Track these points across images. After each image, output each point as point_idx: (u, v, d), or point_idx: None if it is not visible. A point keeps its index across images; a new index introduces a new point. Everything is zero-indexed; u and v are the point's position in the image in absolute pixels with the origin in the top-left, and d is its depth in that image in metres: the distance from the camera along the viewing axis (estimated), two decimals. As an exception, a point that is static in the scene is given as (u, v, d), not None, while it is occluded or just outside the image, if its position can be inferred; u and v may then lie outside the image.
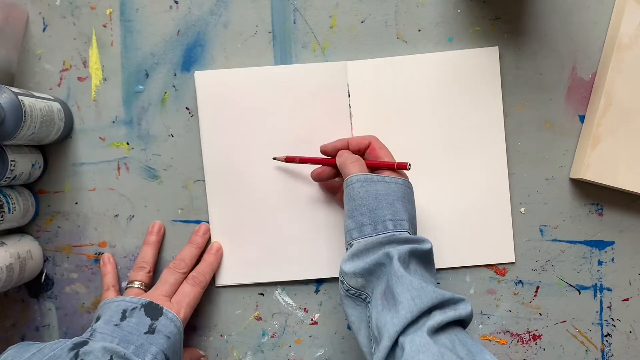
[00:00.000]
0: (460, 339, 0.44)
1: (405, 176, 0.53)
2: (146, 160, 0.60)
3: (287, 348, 0.60)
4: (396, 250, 0.47)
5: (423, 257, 0.49)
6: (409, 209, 0.51)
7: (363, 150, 0.55)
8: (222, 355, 0.60)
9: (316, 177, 0.57)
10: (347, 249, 0.50)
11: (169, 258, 0.60)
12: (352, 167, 0.52)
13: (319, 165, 0.56)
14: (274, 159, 0.58)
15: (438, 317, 0.44)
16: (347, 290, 0.49)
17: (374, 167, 0.53)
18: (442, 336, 0.43)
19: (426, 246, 0.48)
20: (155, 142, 0.60)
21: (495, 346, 0.60)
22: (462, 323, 0.47)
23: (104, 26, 0.60)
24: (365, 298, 0.49)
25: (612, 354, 0.60)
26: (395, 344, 0.44)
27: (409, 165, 0.51)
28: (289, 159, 0.57)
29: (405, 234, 0.48)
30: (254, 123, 0.59)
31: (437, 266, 0.56)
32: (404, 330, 0.43)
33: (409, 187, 0.52)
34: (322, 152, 0.56)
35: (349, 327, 0.60)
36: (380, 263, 0.47)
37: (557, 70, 0.59)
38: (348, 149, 0.55)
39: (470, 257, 0.59)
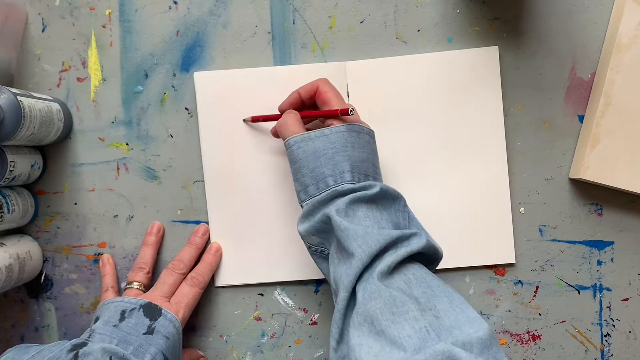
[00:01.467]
0: (417, 276, 0.43)
1: (355, 119, 0.51)
2: (145, 161, 0.60)
3: (287, 348, 0.60)
4: (334, 206, 0.46)
5: (373, 201, 0.47)
6: (355, 155, 0.48)
7: (313, 97, 0.53)
8: (221, 356, 0.60)
9: (275, 134, 0.57)
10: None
11: (168, 259, 0.60)
12: (288, 128, 0.51)
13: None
14: (244, 120, 0.59)
15: (388, 259, 0.43)
16: (309, 248, 0.51)
17: (322, 116, 0.52)
18: (395, 277, 0.42)
19: (372, 190, 0.47)
20: (154, 143, 0.60)
21: (495, 346, 0.60)
22: (425, 257, 0.46)
23: (103, 27, 0.60)
24: (328, 253, 0.49)
25: (612, 354, 0.60)
26: (353, 293, 0.43)
27: (351, 110, 0.49)
28: (255, 119, 0.58)
29: (348, 185, 0.47)
30: (253, 123, 0.59)
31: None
32: (358, 279, 0.43)
33: (354, 131, 0.49)
34: (280, 110, 0.56)
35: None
36: (324, 221, 0.47)
37: (556, 70, 0.59)
38: (301, 99, 0.54)
39: (470, 257, 0.59)
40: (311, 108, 0.55)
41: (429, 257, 0.47)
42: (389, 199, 0.48)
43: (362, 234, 0.44)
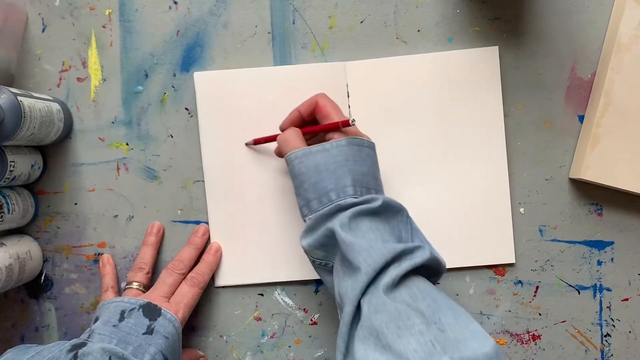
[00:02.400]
0: (421, 290, 0.43)
1: (354, 132, 0.51)
2: (145, 161, 0.60)
3: (287, 348, 0.60)
4: (337, 220, 0.46)
5: (376, 214, 0.47)
6: (357, 169, 0.49)
7: (313, 113, 0.53)
8: (221, 356, 0.60)
9: (278, 154, 0.57)
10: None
11: (168, 259, 0.60)
12: (289, 144, 0.51)
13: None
14: (246, 144, 0.59)
15: (393, 272, 0.43)
16: (313, 262, 0.51)
17: (322, 131, 0.52)
18: (401, 291, 0.42)
19: (375, 204, 0.47)
20: (154, 143, 0.60)
21: (495, 346, 0.60)
22: (428, 270, 0.46)
23: (104, 27, 0.60)
24: (332, 266, 0.49)
25: (612, 354, 0.60)
26: (358, 308, 0.43)
27: (352, 120, 0.49)
28: (257, 141, 0.58)
29: (350, 199, 0.47)
30: (253, 124, 0.59)
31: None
32: (364, 293, 0.43)
33: (355, 145, 0.49)
34: (281, 129, 0.55)
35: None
36: (327, 235, 0.47)
37: (556, 70, 0.59)
38: (302, 116, 0.54)
39: (470, 257, 0.59)
40: (312, 124, 0.55)
41: (432, 270, 0.47)
42: (391, 211, 0.48)
43: (367, 247, 0.44)
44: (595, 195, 0.60)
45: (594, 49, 0.59)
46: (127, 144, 0.60)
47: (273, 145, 0.59)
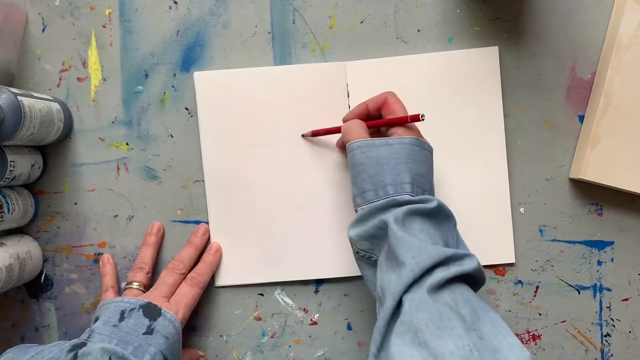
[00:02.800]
0: (464, 297, 0.43)
1: (417, 133, 0.51)
2: (145, 161, 0.60)
3: (287, 348, 0.60)
4: (392, 214, 0.46)
5: (429, 216, 0.48)
6: (416, 169, 0.49)
7: (380, 108, 0.54)
8: (221, 356, 0.60)
9: (341, 147, 0.58)
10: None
11: (168, 259, 0.60)
12: (352, 133, 0.51)
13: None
14: (302, 136, 0.59)
15: (439, 274, 0.43)
16: (356, 253, 0.50)
17: (388, 125, 0.52)
18: (444, 293, 0.43)
19: (430, 205, 0.47)
20: (154, 143, 0.60)
21: (495, 346, 0.60)
22: (471, 279, 0.46)
23: (104, 26, 0.60)
24: (375, 260, 0.49)
25: (612, 354, 0.60)
26: (399, 303, 0.43)
27: (422, 115, 0.49)
28: (315, 133, 0.58)
29: (407, 196, 0.47)
30: (253, 123, 0.59)
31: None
32: (406, 290, 0.43)
33: (417, 145, 0.50)
34: (344, 120, 0.55)
35: (348, 327, 0.60)
36: (380, 227, 0.47)
37: (556, 70, 0.59)
38: (368, 110, 0.54)
39: (470, 257, 0.59)
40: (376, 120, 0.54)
41: (474, 280, 0.47)
42: (443, 216, 0.49)
43: (418, 246, 0.44)
44: (595, 195, 0.60)
45: (594, 49, 0.59)
46: (127, 144, 0.60)
47: (273, 145, 0.59)
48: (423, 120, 0.50)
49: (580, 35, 0.59)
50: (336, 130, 0.56)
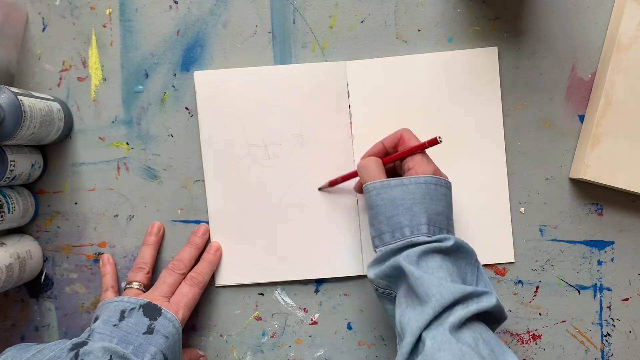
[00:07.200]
0: (484, 338, 0.44)
1: (433, 167, 0.51)
2: (146, 161, 0.60)
3: (287, 348, 0.60)
4: (403, 255, 0.47)
5: (446, 253, 0.48)
6: (432, 208, 0.49)
7: (397, 146, 0.54)
8: (221, 356, 0.60)
9: (358, 190, 0.58)
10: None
11: (168, 258, 0.60)
12: (369, 173, 0.52)
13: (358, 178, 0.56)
14: (319, 189, 0.59)
15: (460, 312, 0.44)
16: (376, 290, 0.52)
17: (405, 156, 0.52)
18: (465, 333, 0.43)
19: (446, 244, 0.47)
20: (154, 142, 0.60)
21: (495, 346, 0.60)
22: (490, 316, 0.47)
23: (104, 26, 0.60)
24: (395, 296, 0.50)
25: (612, 354, 0.60)
26: (418, 340, 0.44)
27: (439, 138, 0.49)
28: (332, 183, 0.58)
29: (423, 237, 0.48)
30: (253, 123, 0.59)
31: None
32: (426, 327, 0.44)
33: (432, 183, 0.50)
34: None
35: (348, 327, 0.60)
36: (394, 267, 0.48)
37: (556, 70, 0.59)
38: (384, 149, 0.54)
39: (470, 257, 0.59)
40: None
41: (494, 317, 0.48)
42: (462, 252, 0.49)
43: (437, 284, 0.45)
44: (596, 195, 0.60)
45: (594, 49, 0.59)
46: (127, 144, 0.60)
47: (273, 145, 0.59)
48: (441, 142, 0.50)
49: (580, 35, 0.59)
50: (353, 174, 0.56)
